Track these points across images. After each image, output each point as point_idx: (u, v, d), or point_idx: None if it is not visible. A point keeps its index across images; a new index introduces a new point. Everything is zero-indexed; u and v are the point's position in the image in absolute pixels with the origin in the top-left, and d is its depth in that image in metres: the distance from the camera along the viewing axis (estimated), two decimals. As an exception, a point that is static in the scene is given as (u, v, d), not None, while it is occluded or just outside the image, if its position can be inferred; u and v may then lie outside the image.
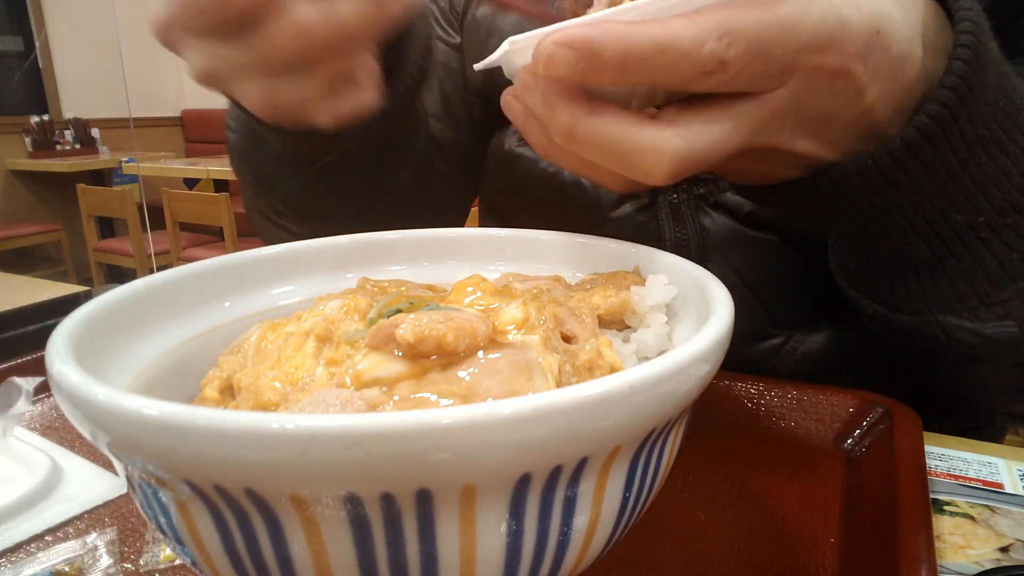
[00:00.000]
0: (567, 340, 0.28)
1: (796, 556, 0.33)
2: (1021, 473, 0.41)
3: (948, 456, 0.43)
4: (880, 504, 0.34)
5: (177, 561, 0.32)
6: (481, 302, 0.29)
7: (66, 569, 0.32)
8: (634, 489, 0.23)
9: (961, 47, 0.30)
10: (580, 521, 0.22)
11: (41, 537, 0.35)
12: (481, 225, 0.74)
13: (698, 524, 0.35)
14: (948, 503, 0.38)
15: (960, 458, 0.42)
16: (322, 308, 0.29)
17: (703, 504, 0.37)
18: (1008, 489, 0.39)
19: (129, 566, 0.32)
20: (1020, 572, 0.33)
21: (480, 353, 0.24)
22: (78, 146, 4.40)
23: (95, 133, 4.48)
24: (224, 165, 3.13)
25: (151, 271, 0.40)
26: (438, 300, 0.30)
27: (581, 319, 0.29)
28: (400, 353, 0.23)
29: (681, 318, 0.32)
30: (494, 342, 0.25)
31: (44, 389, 0.46)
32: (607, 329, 0.32)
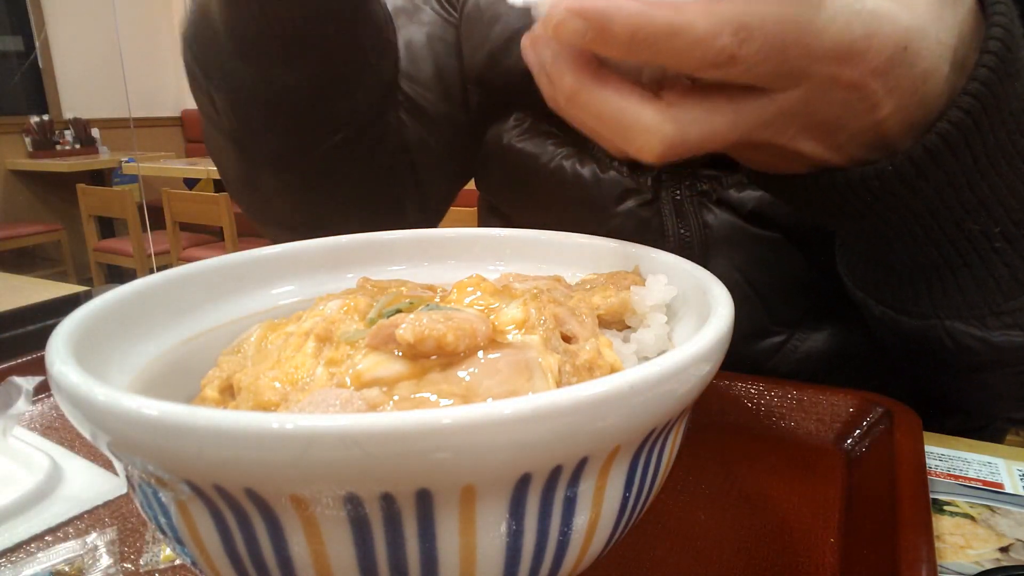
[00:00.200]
0: (567, 340, 0.28)
1: (796, 556, 0.33)
2: (1021, 473, 0.41)
3: (948, 456, 0.43)
4: (880, 504, 0.34)
5: (177, 561, 0.32)
6: (481, 302, 0.29)
7: (66, 569, 0.32)
8: (634, 489, 0.23)
9: (988, 54, 0.30)
10: (580, 521, 0.22)
11: (41, 537, 0.35)
12: (481, 224, 0.74)
13: (698, 524, 0.35)
14: (948, 503, 0.38)
15: (960, 458, 0.42)
16: (322, 308, 0.29)
17: (703, 504, 0.37)
18: (1008, 489, 0.39)
19: (129, 566, 0.32)
20: (1020, 572, 0.33)
21: (480, 353, 0.24)
22: (78, 146, 4.41)
23: (95, 133, 4.49)
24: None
25: (151, 271, 0.40)
26: (438, 300, 0.30)
27: (581, 319, 0.29)
28: (400, 353, 0.23)
29: (681, 318, 0.32)
30: (494, 342, 0.25)
31: (44, 389, 0.46)
32: (607, 329, 0.32)
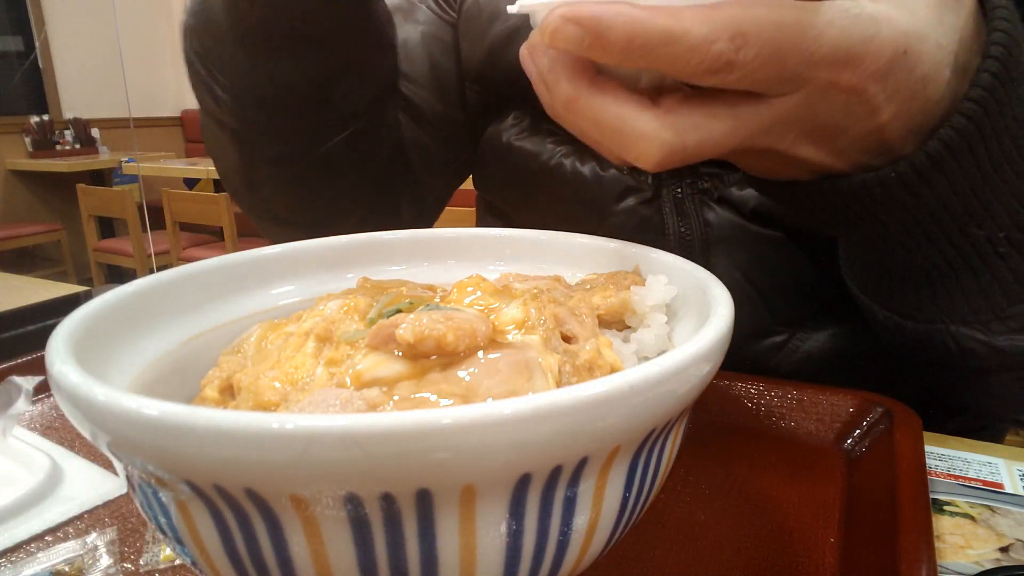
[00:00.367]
0: (567, 340, 0.28)
1: (796, 556, 0.33)
2: (1021, 473, 0.41)
3: (948, 456, 0.43)
4: (880, 504, 0.34)
5: (177, 561, 0.32)
6: (481, 302, 0.29)
7: (66, 569, 0.32)
8: (634, 489, 0.23)
9: (991, 59, 0.30)
10: (580, 521, 0.22)
11: (41, 537, 0.35)
12: (480, 223, 0.73)
13: (698, 524, 0.35)
14: (948, 503, 0.38)
15: (960, 458, 0.42)
16: (322, 308, 0.29)
17: (703, 504, 0.37)
18: (1008, 489, 0.39)
19: (129, 566, 0.32)
20: (1020, 572, 0.33)
21: (480, 353, 0.24)
22: (78, 146, 4.41)
23: (95, 133, 4.49)
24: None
25: (151, 271, 0.40)
26: (438, 300, 0.30)
27: (581, 319, 0.29)
28: (400, 353, 0.23)
29: (681, 318, 0.32)
30: (494, 342, 0.25)
31: (44, 389, 0.46)
32: (607, 329, 0.32)
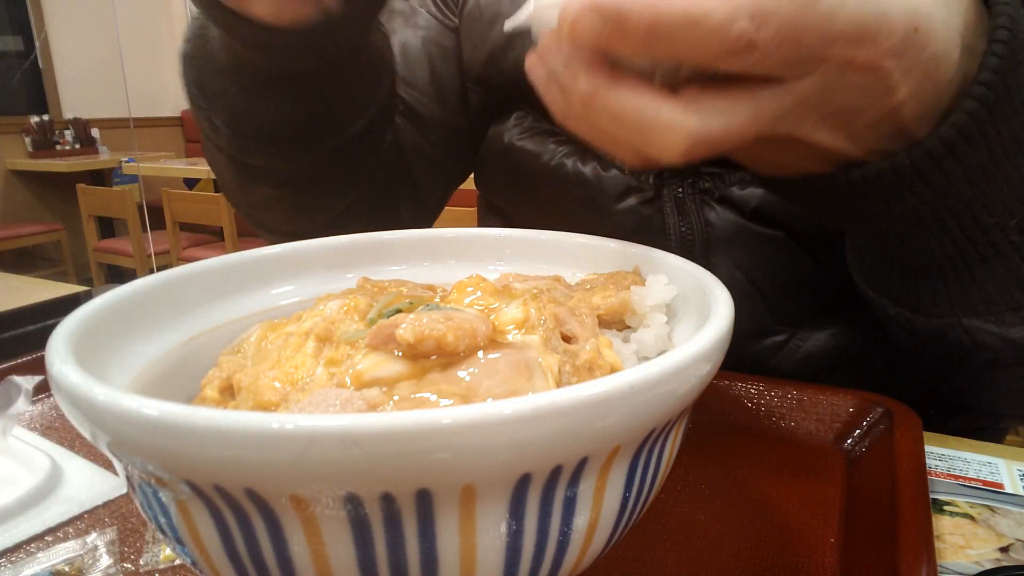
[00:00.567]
0: (567, 340, 0.28)
1: (796, 556, 0.33)
2: (1021, 473, 0.41)
3: (948, 456, 0.43)
4: (880, 504, 0.34)
5: (177, 561, 0.32)
6: (481, 302, 0.29)
7: (66, 569, 0.32)
8: (634, 489, 0.23)
9: (997, 42, 0.30)
10: (580, 521, 0.22)
11: (41, 537, 0.35)
12: (480, 223, 0.73)
13: (698, 524, 0.35)
14: (948, 503, 0.38)
15: (960, 458, 0.42)
16: (322, 308, 0.29)
17: (703, 504, 0.37)
18: (1008, 489, 0.39)
19: (129, 566, 0.32)
20: (1020, 572, 0.33)
21: (480, 353, 0.24)
22: (78, 146, 4.41)
23: (95, 133, 4.48)
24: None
25: (151, 271, 0.40)
26: (438, 300, 0.30)
27: (581, 319, 0.29)
28: (400, 353, 0.23)
29: (681, 318, 0.32)
30: (494, 342, 0.25)
31: (44, 389, 0.46)
32: (607, 329, 0.32)
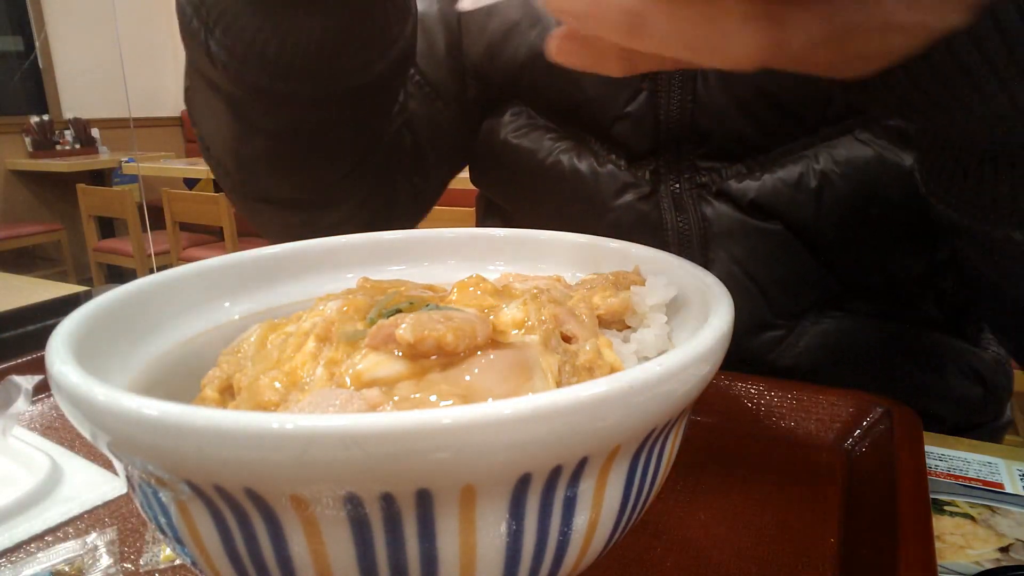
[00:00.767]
0: (567, 340, 0.28)
1: (796, 556, 0.33)
2: (1021, 473, 0.41)
3: (948, 456, 0.43)
4: (880, 504, 0.34)
5: (177, 561, 0.32)
6: (481, 302, 0.29)
7: (66, 569, 0.32)
8: (634, 489, 0.23)
9: None
10: (580, 521, 0.22)
11: (41, 537, 0.35)
12: (480, 223, 0.73)
13: (698, 524, 0.35)
14: (948, 503, 0.38)
15: (960, 458, 0.42)
16: (322, 308, 0.29)
17: (703, 504, 0.37)
18: (1008, 489, 0.39)
19: (129, 566, 0.32)
20: (1020, 572, 0.33)
21: (480, 353, 0.24)
22: (78, 146, 4.41)
23: (95, 133, 4.48)
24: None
25: (151, 271, 0.40)
26: (438, 300, 0.29)
27: (581, 319, 0.29)
28: (400, 353, 0.23)
29: (681, 318, 0.32)
30: (494, 342, 0.25)
31: (44, 389, 0.46)
32: (607, 329, 0.32)
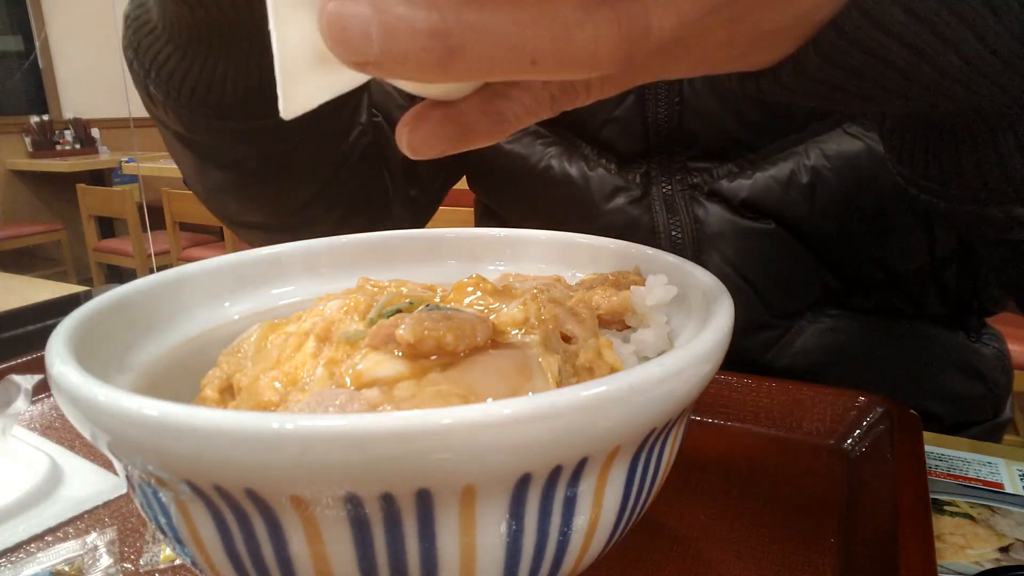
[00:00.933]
0: (567, 340, 0.28)
1: (796, 556, 0.33)
2: (1021, 473, 0.41)
3: (948, 456, 0.43)
4: (880, 504, 0.34)
5: (177, 561, 0.32)
6: (481, 302, 0.29)
7: (66, 569, 0.32)
8: (634, 489, 0.23)
9: None
10: (580, 521, 0.22)
11: (41, 537, 0.35)
12: (478, 224, 0.74)
13: (698, 524, 0.35)
14: (948, 503, 0.38)
15: (960, 458, 0.42)
16: (322, 308, 0.29)
17: (703, 504, 0.37)
18: (1008, 489, 0.39)
19: (129, 566, 0.32)
20: (1020, 572, 0.33)
21: (480, 353, 0.24)
22: (78, 146, 4.41)
23: (95, 133, 4.48)
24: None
25: (151, 271, 0.40)
26: (438, 300, 0.30)
27: (581, 319, 0.29)
28: (400, 353, 0.23)
29: (681, 318, 0.32)
30: (494, 342, 0.25)
31: (44, 389, 0.46)
32: (607, 329, 0.32)
